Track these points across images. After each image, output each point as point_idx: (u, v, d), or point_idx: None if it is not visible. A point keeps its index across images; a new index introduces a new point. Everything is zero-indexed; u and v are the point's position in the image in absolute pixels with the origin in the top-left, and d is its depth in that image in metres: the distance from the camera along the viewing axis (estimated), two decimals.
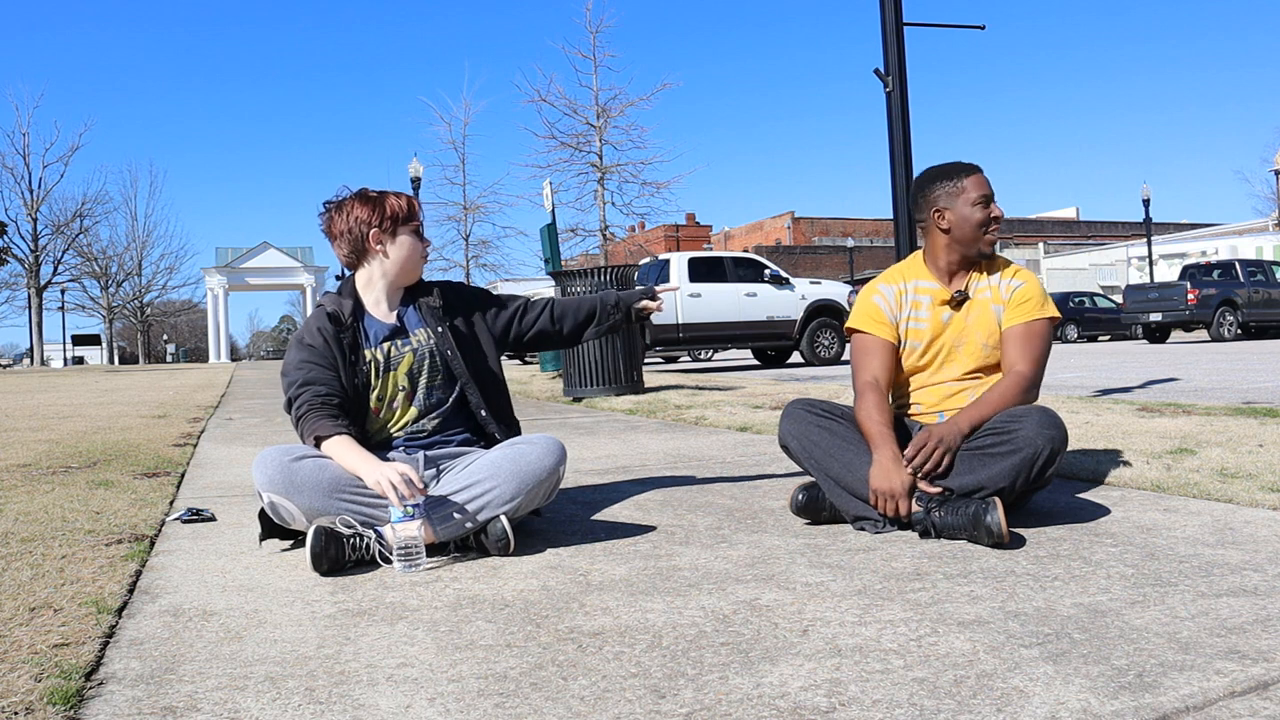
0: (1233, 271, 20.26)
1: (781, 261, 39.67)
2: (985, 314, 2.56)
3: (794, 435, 2.53)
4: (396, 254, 2.54)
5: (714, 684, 1.41)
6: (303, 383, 2.42)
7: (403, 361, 2.53)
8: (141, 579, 2.18)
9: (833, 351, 14.79)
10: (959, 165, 2.60)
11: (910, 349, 2.61)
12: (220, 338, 53.64)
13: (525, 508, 2.34)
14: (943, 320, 2.58)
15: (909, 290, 2.63)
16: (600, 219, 20.17)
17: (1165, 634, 1.55)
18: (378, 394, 2.51)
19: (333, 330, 2.48)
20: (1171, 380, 8.00)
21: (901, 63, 6.55)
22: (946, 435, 2.31)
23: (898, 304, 2.63)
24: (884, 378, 2.57)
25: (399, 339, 2.55)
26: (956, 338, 2.57)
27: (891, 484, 2.29)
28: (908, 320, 2.61)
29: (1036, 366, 2.48)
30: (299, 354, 2.47)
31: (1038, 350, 2.50)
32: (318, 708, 1.37)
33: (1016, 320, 2.53)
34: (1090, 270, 41.93)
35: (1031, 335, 2.51)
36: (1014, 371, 2.47)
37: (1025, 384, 2.44)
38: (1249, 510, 2.48)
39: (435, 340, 2.56)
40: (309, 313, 2.76)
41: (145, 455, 4.62)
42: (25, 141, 48.03)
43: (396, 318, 2.58)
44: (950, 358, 2.58)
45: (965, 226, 2.54)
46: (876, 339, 2.60)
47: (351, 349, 2.49)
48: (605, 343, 7.69)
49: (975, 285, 2.58)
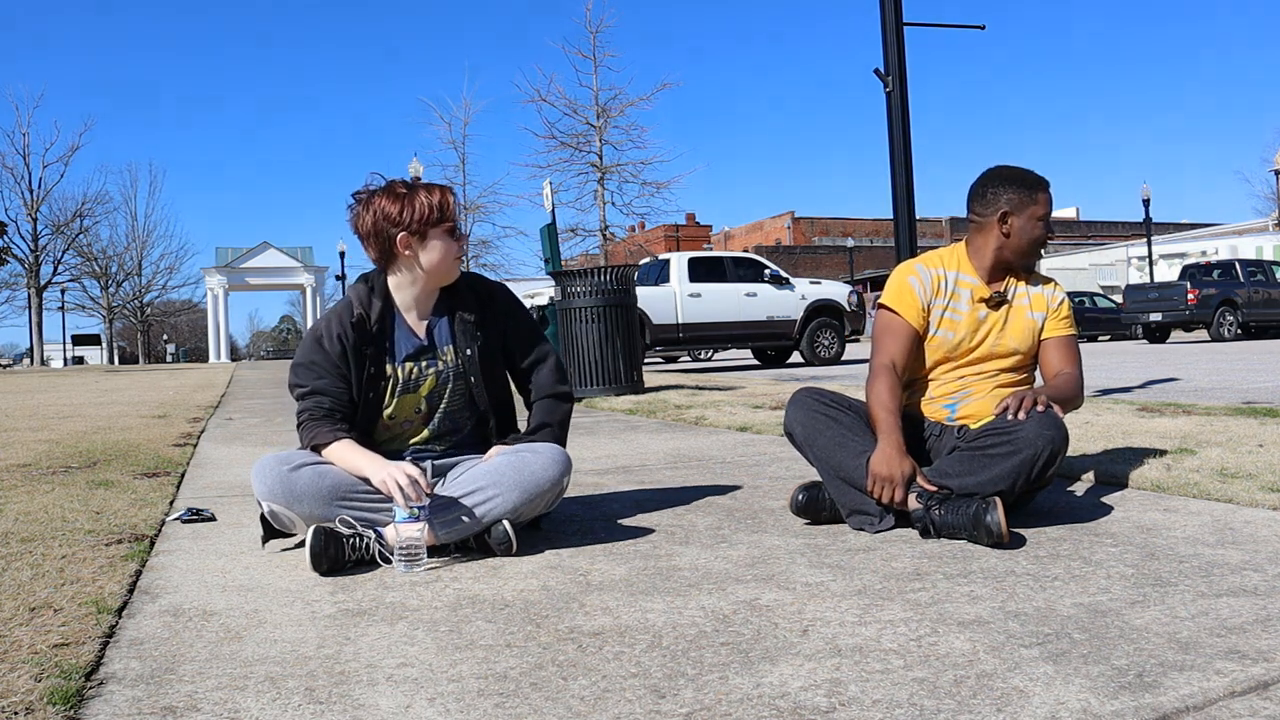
0: (1233, 271, 20.26)
1: (781, 261, 39.68)
2: (1022, 320, 2.58)
3: (799, 422, 2.52)
4: (428, 258, 2.37)
5: (714, 684, 1.41)
6: (311, 390, 2.37)
7: (424, 384, 2.44)
8: (141, 579, 2.18)
9: (833, 351, 14.79)
10: (1034, 177, 2.59)
11: (942, 339, 2.58)
12: (220, 338, 53.60)
13: (527, 516, 2.33)
14: (979, 318, 2.57)
15: (949, 279, 2.60)
16: (600, 219, 20.19)
17: (1165, 634, 1.55)
18: (391, 412, 2.43)
19: (354, 339, 2.36)
20: (1171, 380, 8.00)
21: (901, 63, 6.55)
22: (1041, 399, 2.35)
23: (934, 290, 2.59)
24: (901, 361, 2.55)
25: (424, 359, 2.43)
26: (989, 337, 2.56)
27: (891, 471, 2.29)
28: (944, 310, 2.58)
29: (1081, 371, 2.60)
30: (314, 354, 2.38)
31: (1079, 358, 2.63)
32: (318, 708, 1.37)
33: (1059, 332, 2.61)
34: (1090, 270, 41.95)
35: (1072, 346, 2.62)
36: (1065, 374, 2.57)
37: (1079, 382, 2.56)
38: (1249, 510, 2.48)
39: (463, 363, 2.45)
40: (317, 311, 2.58)
41: (145, 455, 4.62)
42: (25, 141, 47.98)
43: (426, 331, 2.45)
44: (980, 355, 2.57)
45: (1024, 239, 2.54)
46: (903, 321, 2.58)
47: (373, 361, 2.39)
48: (605, 342, 7.69)
49: (1015, 291, 2.60)
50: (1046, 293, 2.62)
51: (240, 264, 53.56)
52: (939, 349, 2.59)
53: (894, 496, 2.30)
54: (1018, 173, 2.59)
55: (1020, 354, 2.57)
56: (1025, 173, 2.59)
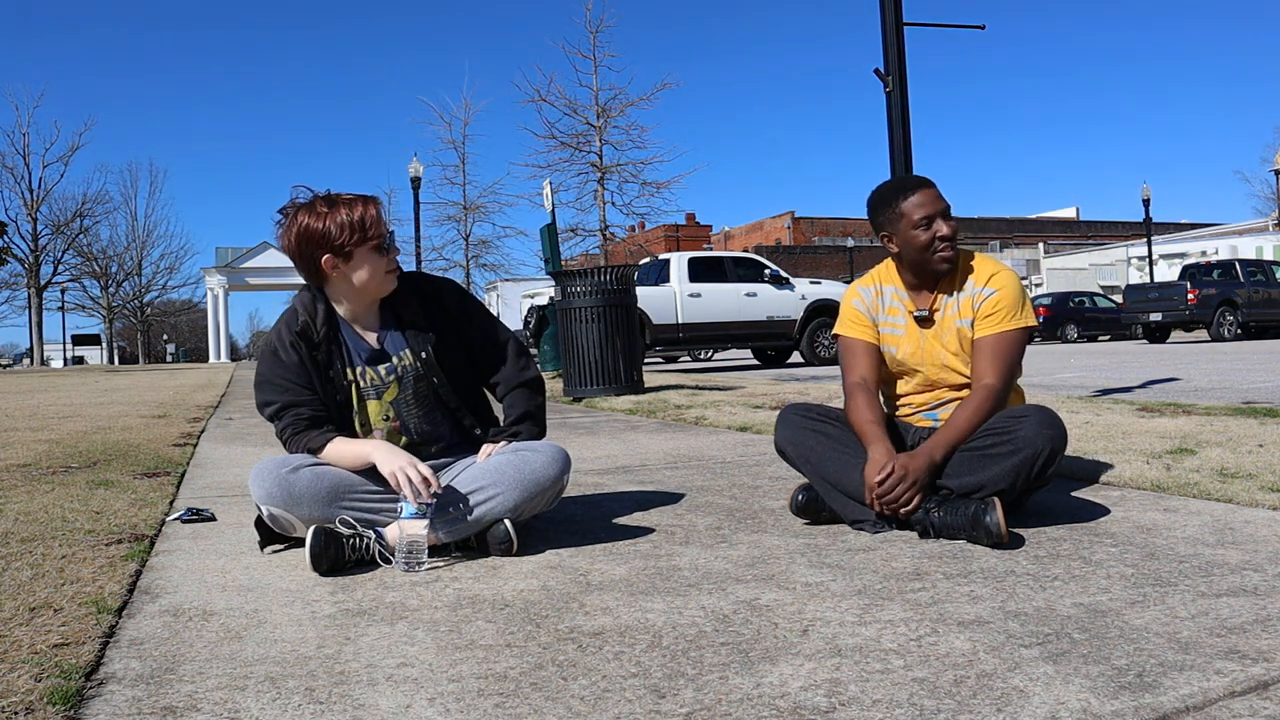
0: (1233, 271, 20.27)
1: (781, 261, 39.65)
2: (949, 333, 2.51)
3: (790, 441, 2.54)
4: (358, 277, 2.29)
5: (714, 684, 1.41)
6: (283, 405, 2.32)
7: (387, 391, 2.39)
8: (141, 579, 2.18)
9: (832, 351, 14.76)
10: (899, 185, 2.53)
11: (887, 353, 2.60)
12: (220, 338, 53.59)
13: (527, 514, 2.33)
14: (919, 333, 2.56)
15: (886, 293, 2.61)
16: (600, 219, 20.17)
17: (1165, 634, 1.55)
18: (360, 419, 2.40)
19: (306, 349, 2.32)
20: (1171, 380, 8.00)
21: (901, 63, 6.55)
22: (914, 468, 2.27)
23: (875, 305, 2.61)
24: (871, 377, 2.56)
25: (381, 364, 2.38)
26: (930, 348, 2.54)
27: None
28: (884, 325, 2.60)
29: (1005, 379, 2.42)
30: (274, 369, 2.33)
31: (1006, 361, 2.43)
32: (318, 708, 1.37)
33: (986, 331, 2.46)
34: (1090, 270, 41.95)
35: (1001, 346, 2.43)
36: (983, 385, 2.41)
37: (994, 398, 2.39)
38: (1249, 510, 2.48)
39: (421, 365, 2.38)
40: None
41: (145, 455, 4.62)
42: (25, 141, 47.89)
43: (376, 340, 2.38)
44: (929, 364, 2.55)
45: (910, 250, 2.48)
46: (859, 341, 2.60)
47: (327, 366, 2.34)
48: (605, 342, 7.69)
49: (944, 302, 2.52)
50: (976, 291, 2.48)
51: (240, 264, 53.53)
52: (890, 362, 2.59)
53: (896, 503, 2.28)
54: (882, 190, 2.55)
55: (963, 361, 2.50)
56: (889, 186, 2.55)
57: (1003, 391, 2.42)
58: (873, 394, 2.52)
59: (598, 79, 20.06)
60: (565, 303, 7.83)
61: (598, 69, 20.02)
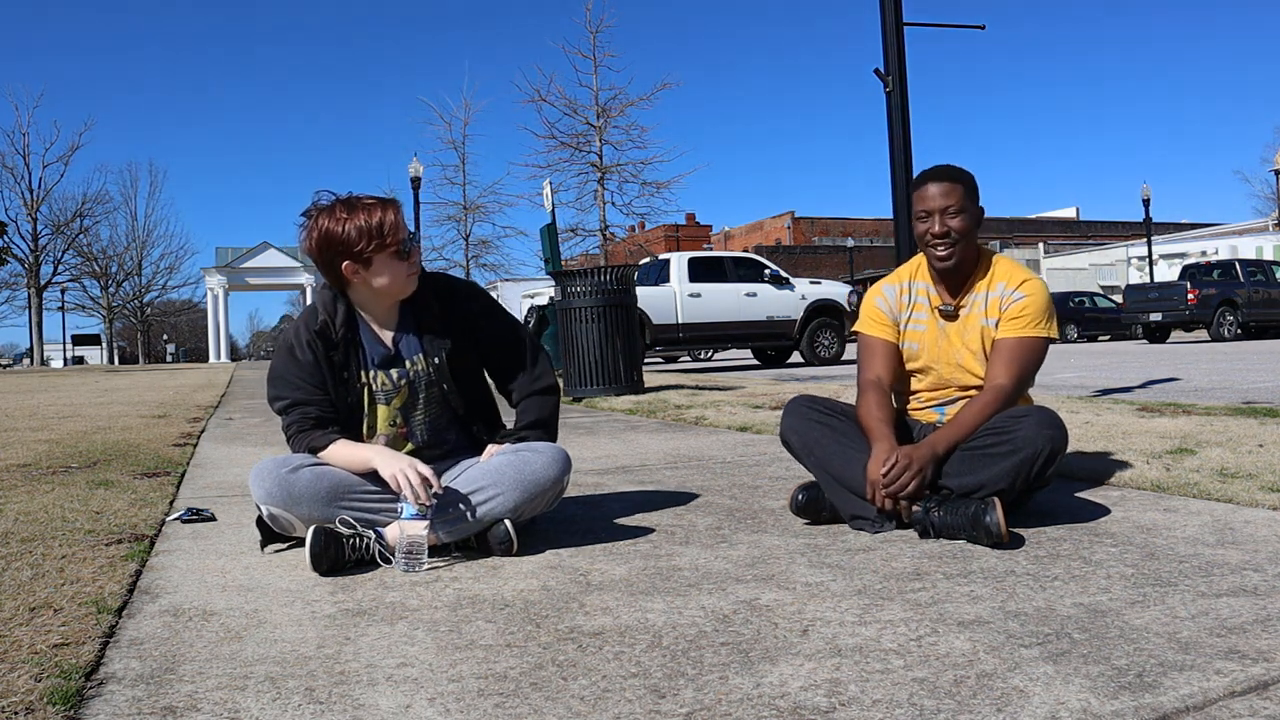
0: (1233, 271, 20.26)
1: (781, 261, 39.63)
2: (973, 330, 2.51)
3: (795, 431, 2.53)
4: (378, 281, 2.31)
5: (714, 684, 1.41)
6: (293, 402, 2.35)
7: (397, 397, 2.41)
8: (141, 579, 2.18)
9: (833, 351, 14.80)
10: (921, 174, 2.53)
11: (908, 349, 2.61)
12: (220, 338, 53.63)
13: (527, 515, 2.33)
14: (939, 327, 2.56)
15: (912, 290, 2.62)
16: (600, 219, 20.19)
17: (1165, 634, 1.55)
18: (369, 422, 2.41)
19: (323, 349, 2.34)
20: (1171, 380, 8.00)
21: (901, 63, 6.56)
22: (917, 457, 2.27)
23: (899, 303, 2.62)
24: (886, 377, 2.57)
25: (394, 368, 2.40)
26: (949, 346, 2.55)
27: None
28: (907, 321, 2.61)
29: (1018, 382, 2.42)
30: (289, 366, 2.35)
31: (1023, 366, 2.43)
32: (318, 708, 1.37)
33: (1008, 333, 2.45)
34: (1090, 270, 41.93)
35: (1019, 350, 2.43)
36: (994, 385, 2.41)
37: (1004, 399, 2.38)
38: (1249, 510, 2.48)
39: (433, 371, 2.40)
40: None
41: (145, 455, 4.62)
42: (25, 141, 48.07)
43: (392, 342, 2.41)
44: (944, 362, 2.56)
45: (918, 239, 2.52)
46: (878, 340, 2.61)
47: (343, 367, 2.36)
48: (605, 342, 7.69)
49: (971, 299, 2.53)
50: (1006, 293, 2.48)
51: (240, 264, 53.57)
52: (909, 360, 2.60)
53: (901, 491, 2.27)
54: (916, 176, 2.57)
55: (981, 361, 2.50)
56: (919, 174, 2.55)
57: (1013, 395, 2.42)
58: (885, 393, 2.53)
59: (598, 79, 20.09)
60: (565, 303, 7.84)
61: (598, 69, 20.04)
